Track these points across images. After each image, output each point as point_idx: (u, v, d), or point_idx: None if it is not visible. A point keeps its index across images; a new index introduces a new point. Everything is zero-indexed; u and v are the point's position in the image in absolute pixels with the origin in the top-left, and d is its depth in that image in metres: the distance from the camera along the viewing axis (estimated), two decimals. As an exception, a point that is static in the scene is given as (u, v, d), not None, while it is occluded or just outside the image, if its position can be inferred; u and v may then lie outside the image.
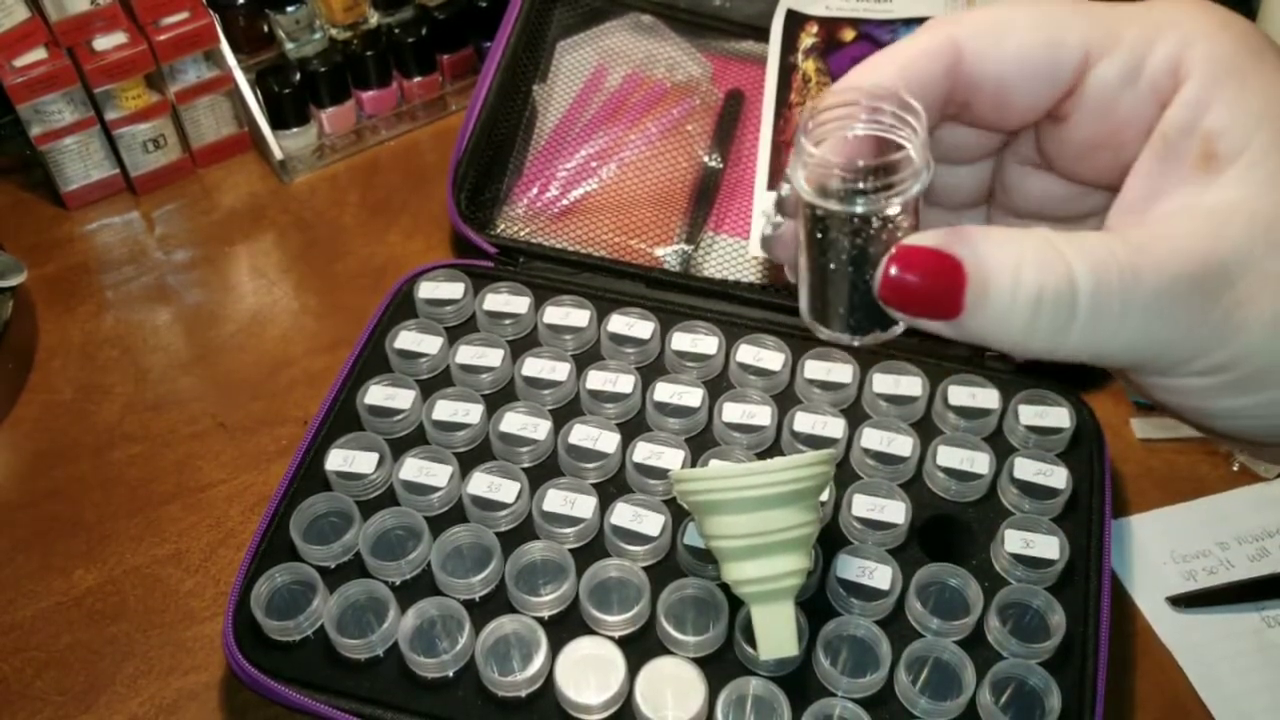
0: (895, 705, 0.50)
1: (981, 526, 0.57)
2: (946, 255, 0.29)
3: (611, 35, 0.79)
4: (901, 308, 0.30)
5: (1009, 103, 0.33)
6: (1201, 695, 0.55)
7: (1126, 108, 0.32)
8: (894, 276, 0.30)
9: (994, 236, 0.29)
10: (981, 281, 0.29)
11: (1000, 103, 0.33)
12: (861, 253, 0.31)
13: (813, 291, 0.33)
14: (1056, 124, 0.34)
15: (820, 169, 0.31)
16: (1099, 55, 0.32)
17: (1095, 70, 0.32)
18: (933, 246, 0.30)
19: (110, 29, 0.73)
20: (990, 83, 0.33)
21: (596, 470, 0.58)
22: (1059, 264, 0.29)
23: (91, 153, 0.77)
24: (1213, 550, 0.60)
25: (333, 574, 0.55)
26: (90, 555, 0.60)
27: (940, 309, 0.30)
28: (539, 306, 0.65)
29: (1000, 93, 0.33)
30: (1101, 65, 0.32)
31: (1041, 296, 0.28)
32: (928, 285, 0.30)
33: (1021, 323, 0.29)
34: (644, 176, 0.72)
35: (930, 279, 0.29)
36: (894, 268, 0.30)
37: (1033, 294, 0.29)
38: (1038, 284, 0.28)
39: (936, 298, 0.29)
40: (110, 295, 0.74)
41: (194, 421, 0.66)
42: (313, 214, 0.78)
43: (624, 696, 0.50)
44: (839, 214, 0.31)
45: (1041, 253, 0.29)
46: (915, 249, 0.30)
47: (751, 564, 0.47)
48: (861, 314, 0.32)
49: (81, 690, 0.55)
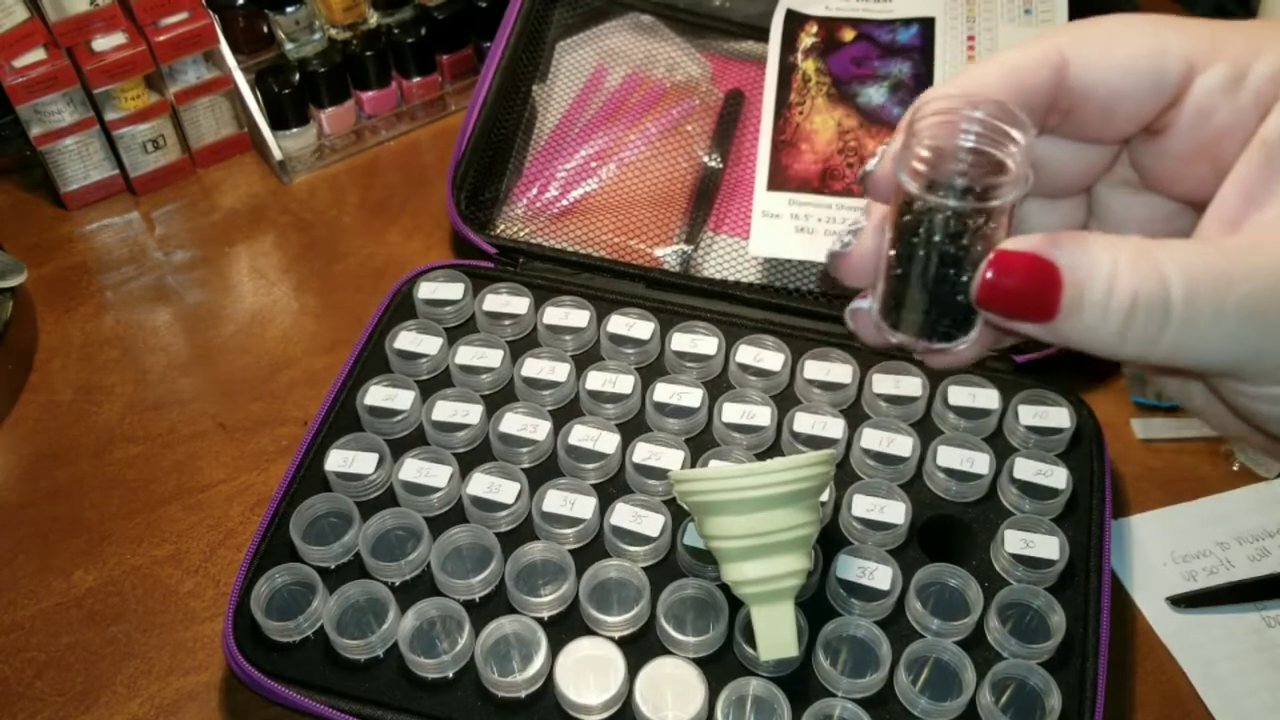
0: (895, 706, 0.50)
1: (981, 527, 0.57)
2: (1043, 260, 0.30)
3: (611, 35, 0.79)
4: (996, 310, 0.31)
5: (1114, 112, 0.33)
6: (1201, 695, 0.55)
7: (1227, 117, 0.32)
8: (991, 279, 0.31)
9: (1090, 242, 0.30)
10: (1077, 286, 0.29)
11: (1106, 112, 0.34)
12: (954, 252, 0.32)
13: (891, 291, 0.34)
14: (1154, 137, 0.34)
15: (928, 164, 0.32)
16: (1204, 65, 0.32)
17: (1199, 79, 0.32)
18: (1030, 251, 0.30)
19: (110, 29, 0.73)
20: (1097, 91, 0.33)
21: (596, 471, 0.58)
22: (1154, 270, 0.29)
23: (91, 153, 0.77)
24: (1213, 550, 0.60)
25: (332, 574, 0.55)
26: (90, 556, 0.60)
27: (1035, 312, 0.30)
28: (539, 307, 0.65)
29: (1107, 102, 0.33)
30: (1206, 74, 0.32)
31: (1136, 302, 0.29)
32: (1024, 289, 0.30)
33: (1115, 328, 0.29)
34: (644, 177, 0.72)
35: (1026, 283, 0.30)
36: (991, 271, 0.31)
37: (1127, 300, 0.29)
38: (1132, 290, 0.29)
39: (1032, 301, 0.30)
40: (110, 296, 0.74)
41: (194, 422, 0.66)
42: (312, 214, 0.78)
43: (624, 697, 0.50)
44: (942, 210, 0.32)
45: (1136, 258, 0.29)
46: (1013, 253, 0.30)
47: (751, 564, 0.47)
48: (940, 317, 0.33)
49: (81, 691, 0.55)
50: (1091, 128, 0.34)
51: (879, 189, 0.35)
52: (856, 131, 0.67)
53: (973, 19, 0.69)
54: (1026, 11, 0.69)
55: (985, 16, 0.69)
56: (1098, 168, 0.37)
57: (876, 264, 0.35)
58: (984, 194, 0.31)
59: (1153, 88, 0.33)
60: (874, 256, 0.35)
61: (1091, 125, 0.34)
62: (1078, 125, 0.34)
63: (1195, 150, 0.33)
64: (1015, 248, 0.30)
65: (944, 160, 0.32)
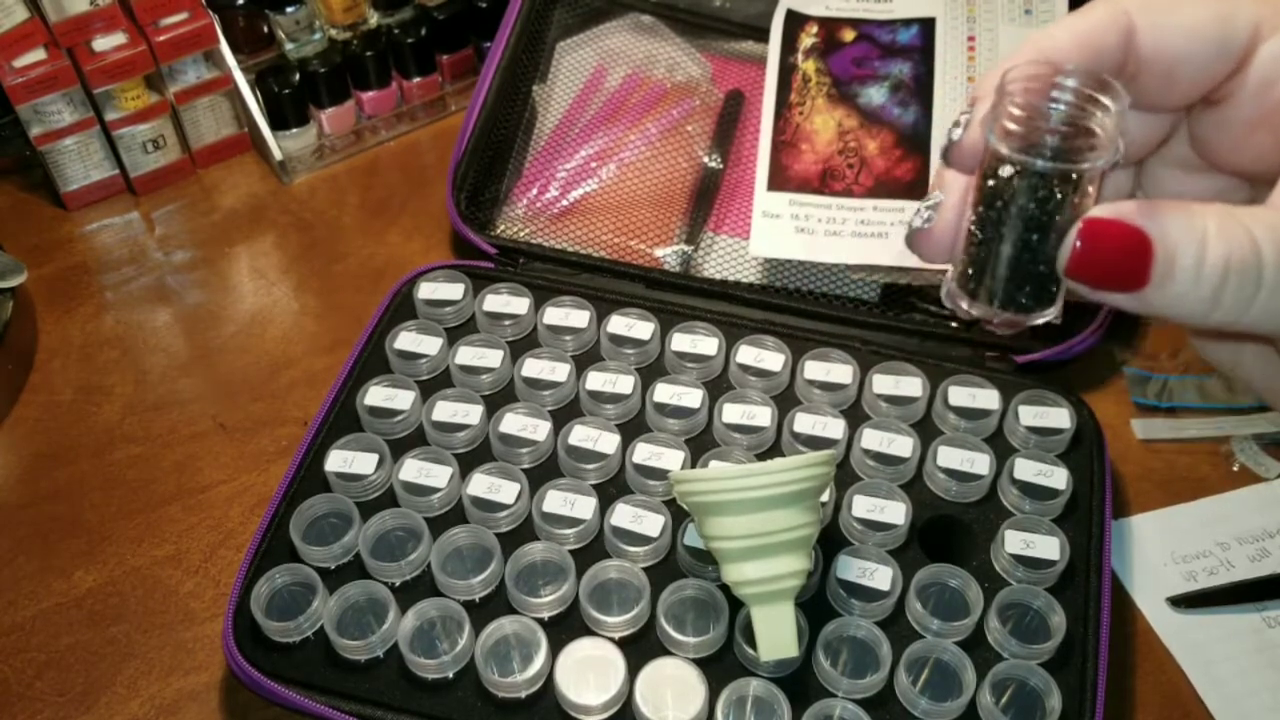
0: (895, 706, 0.50)
1: (982, 527, 0.57)
2: (1133, 228, 0.29)
3: (611, 36, 0.79)
4: (1086, 280, 0.31)
5: (1178, 76, 0.33)
6: (1202, 696, 0.55)
7: None
8: (1080, 248, 0.30)
9: (1179, 209, 0.29)
10: (1168, 254, 0.29)
11: (1169, 77, 0.33)
12: (1041, 219, 0.32)
13: (971, 259, 0.33)
14: (1215, 107, 0.34)
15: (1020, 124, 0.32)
16: (1270, 31, 0.32)
17: (1265, 46, 0.32)
18: (1120, 218, 0.30)
19: (110, 30, 0.73)
20: (1163, 55, 0.33)
21: (596, 471, 0.58)
22: (1244, 235, 0.29)
23: (91, 153, 0.77)
24: (1213, 550, 0.60)
25: (332, 575, 0.55)
26: (90, 556, 0.60)
27: (1125, 282, 0.30)
28: (539, 307, 0.65)
29: (1171, 66, 0.33)
30: (1271, 41, 0.32)
31: (1228, 268, 0.29)
32: (1114, 258, 0.30)
33: (1207, 294, 0.29)
34: (644, 177, 0.72)
35: (1117, 252, 0.30)
36: (1080, 240, 0.30)
37: (1219, 266, 0.29)
38: (1224, 256, 0.29)
39: (1122, 270, 0.30)
40: (110, 296, 0.74)
41: (194, 422, 0.66)
42: (312, 215, 0.78)
43: (624, 697, 0.50)
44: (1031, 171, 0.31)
45: (1226, 224, 0.29)
46: (1102, 220, 0.30)
47: (751, 565, 0.47)
48: (1020, 285, 0.33)
49: (81, 691, 0.55)
50: (1153, 94, 0.34)
51: (964, 158, 0.34)
52: (857, 132, 0.67)
53: (973, 19, 0.69)
54: (1027, 12, 0.69)
55: (985, 17, 0.69)
56: (1154, 139, 0.36)
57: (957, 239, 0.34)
58: (1075, 158, 0.31)
59: (1218, 53, 0.32)
60: (955, 231, 0.34)
61: (1153, 91, 0.34)
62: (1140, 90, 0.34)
63: (1258, 119, 0.33)
64: (1105, 215, 0.30)
65: (1036, 122, 0.31)
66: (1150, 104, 0.35)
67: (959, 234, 0.34)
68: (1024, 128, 0.32)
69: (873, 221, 0.65)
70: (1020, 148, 0.31)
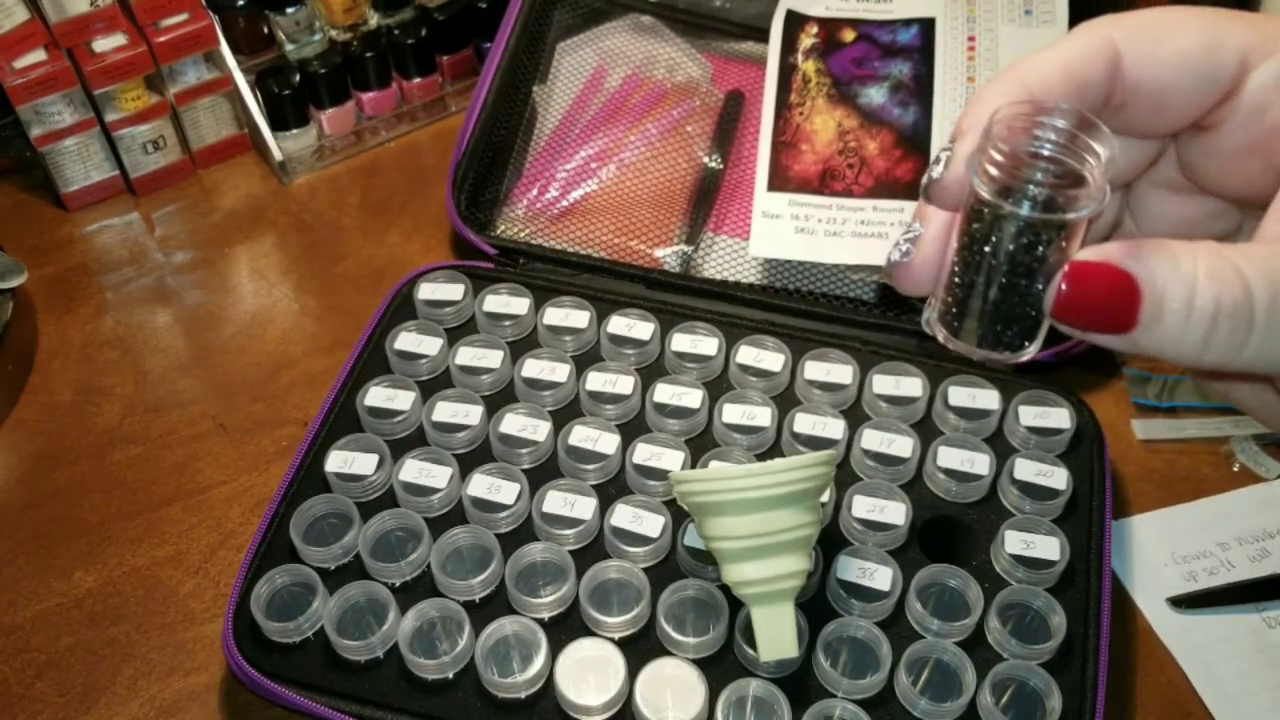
0: (896, 706, 0.50)
1: (982, 527, 0.57)
2: (1120, 271, 0.29)
3: (611, 36, 0.79)
4: (1073, 323, 0.30)
5: (1166, 106, 0.33)
6: (1202, 696, 0.55)
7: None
8: (1066, 292, 0.30)
9: (1166, 250, 0.29)
10: (1156, 297, 0.28)
11: (1157, 106, 0.33)
12: (1026, 263, 0.31)
13: (954, 297, 0.33)
14: (1204, 134, 0.33)
15: (1004, 170, 0.31)
16: (1258, 59, 0.31)
17: (1253, 74, 0.31)
18: (1106, 261, 0.29)
19: (110, 30, 0.73)
20: (1151, 85, 0.32)
21: (596, 471, 0.58)
22: (1234, 277, 0.28)
23: (91, 154, 0.77)
24: (1213, 551, 0.60)
25: (332, 575, 0.55)
26: (90, 557, 0.60)
27: (1113, 324, 0.29)
28: (539, 308, 0.65)
29: (1160, 96, 0.32)
30: (1261, 69, 0.31)
31: (1219, 311, 0.28)
32: (1101, 301, 0.29)
33: (1198, 337, 0.28)
34: (644, 177, 0.72)
35: (1104, 295, 0.29)
36: (1066, 284, 0.30)
37: (1209, 309, 0.28)
38: (1214, 298, 0.28)
39: (1110, 313, 0.29)
40: (110, 297, 0.74)
41: (194, 423, 0.66)
42: (312, 215, 0.78)
43: (624, 698, 0.50)
44: (1017, 220, 0.31)
45: (1215, 265, 0.28)
46: (1089, 265, 0.29)
47: (751, 565, 0.47)
48: (1005, 327, 0.32)
49: (81, 692, 0.55)
50: (1141, 122, 0.33)
51: (946, 196, 0.33)
52: (857, 132, 0.67)
53: (973, 19, 0.69)
54: (1027, 12, 0.69)
55: (985, 17, 0.69)
56: (1141, 163, 0.36)
57: (938, 273, 0.33)
58: (1062, 206, 0.30)
59: (1206, 82, 0.32)
60: (936, 265, 0.34)
61: (1141, 119, 0.33)
62: (1127, 119, 0.34)
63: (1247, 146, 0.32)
64: (1091, 258, 0.29)
65: (1021, 169, 0.31)
66: (1138, 131, 0.34)
67: (940, 269, 0.33)
68: (1009, 173, 0.31)
69: (873, 222, 0.65)
70: (1006, 193, 0.31)
